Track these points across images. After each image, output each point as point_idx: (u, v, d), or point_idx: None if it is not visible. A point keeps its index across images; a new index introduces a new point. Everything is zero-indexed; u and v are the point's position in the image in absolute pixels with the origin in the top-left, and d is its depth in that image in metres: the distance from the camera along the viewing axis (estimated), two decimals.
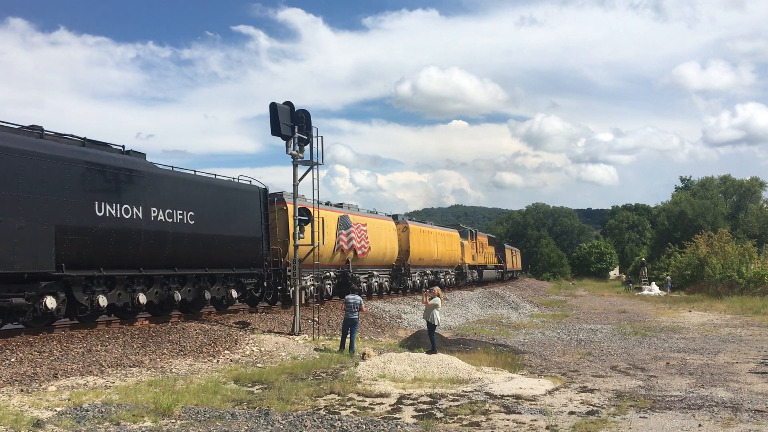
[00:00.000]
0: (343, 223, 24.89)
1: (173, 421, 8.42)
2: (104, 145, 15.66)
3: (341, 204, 26.62)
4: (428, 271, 35.37)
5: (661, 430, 8.57)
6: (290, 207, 20.34)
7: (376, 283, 28.46)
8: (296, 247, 18.46)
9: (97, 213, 14.46)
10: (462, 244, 40.98)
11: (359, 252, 25.57)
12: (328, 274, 24.13)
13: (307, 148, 18.26)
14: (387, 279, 29.93)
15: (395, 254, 30.37)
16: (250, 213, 19.59)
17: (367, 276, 27.73)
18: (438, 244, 36.11)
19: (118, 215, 14.97)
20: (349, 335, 15.76)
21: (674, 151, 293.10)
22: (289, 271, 20.45)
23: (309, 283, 22.63)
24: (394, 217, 32.33)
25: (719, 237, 47.69)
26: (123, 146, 16.23)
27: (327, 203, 24.64)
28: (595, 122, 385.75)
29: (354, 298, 15.97)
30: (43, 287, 13.49)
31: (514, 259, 66.25)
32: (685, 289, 46.75)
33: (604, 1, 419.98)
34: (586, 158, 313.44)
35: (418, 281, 33.72)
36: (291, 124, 17.73)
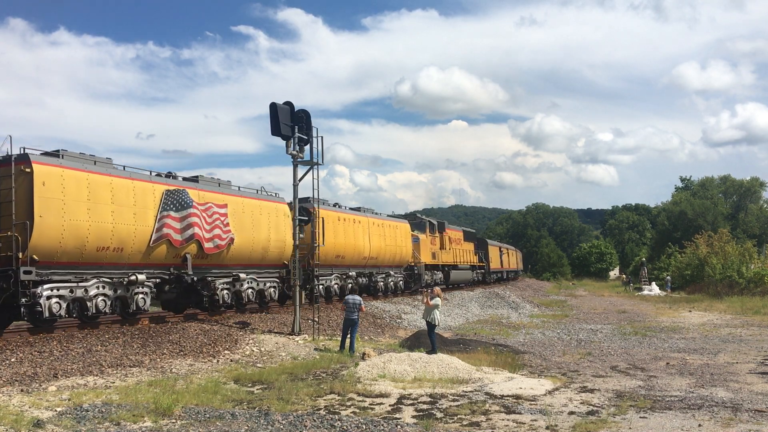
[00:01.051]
0: (175, 201, 16.75)
1: (173, 421, 8.43)
2: None
3: (196, 177, 18.65)
4: (353, 273, 26.51)
5: (661, 430, 8.57)
6: (39, 169, 13.72)
7: (249, 291, 19.76)
8: (296, 247, 18.45)
9: None
10: (416, 239, 33.13)
11: (207, 245, 17.50)
12: (134, 276, 15.84)
13: (307, 148, 18.29)
14: (274, 284, 21.16)
15: (286, 249, 21.17)
16: None
17: (229, 281, 18.99)
18: (372, 237, 27.56)
19: None
20: (349, 335, 15.78)
21: (674, 151, 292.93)
22: (27, 273, 13.31)
23: (91, 292, 14.84)
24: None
25: (719, 237, 47.73)
26: None
27: (162, 174, 17.62)
28: (595, 122, 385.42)
29: (354, 298, 16.02)
30: None
31: (505, 258, 58.69)
32: (685, 289, 46.77)
33: (604, 1, 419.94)
34: (586, 158, 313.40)
35: (336, 286, 24.87)
36: (291, 124, 17.75)
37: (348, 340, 15.76)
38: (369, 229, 27.63)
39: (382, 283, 29.06)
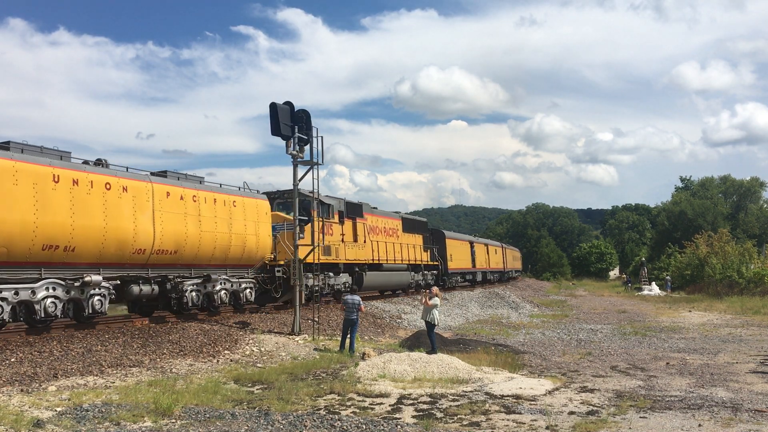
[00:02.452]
0: None
1: (173, 421, 8.42)
2: None
3: None
4: (100, 276, 14.62)
5: (661, 430, 8.57)
6: None
7: None
8: (296, 247, 18.45)
9: None
10: (291, 226, 20.59)
11: None
12: None
13: (307, 148, 18.29)
14: None
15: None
16: None
17: None
18: (164, 215, 16.20)
19: None
20: (349, 335, 15.78)
21: (674, 151, 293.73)
22: None
23: None
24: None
25: (719, 237, 47.73)
26: None
27: None
28: (595, 122, 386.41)
29: (353, 298, 16.01)
30: None
31: (482, 256, 48.20)
32: (685, 289, 46.77)
33: (604, 1, 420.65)
34: (586, 158, 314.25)
35: (51, 301, 13.63)
36: (291, 124, 17.76)
37: (348, 340, 15.76)
38: (155, 202, 16.08)
39: (194, 294, 17.53)
